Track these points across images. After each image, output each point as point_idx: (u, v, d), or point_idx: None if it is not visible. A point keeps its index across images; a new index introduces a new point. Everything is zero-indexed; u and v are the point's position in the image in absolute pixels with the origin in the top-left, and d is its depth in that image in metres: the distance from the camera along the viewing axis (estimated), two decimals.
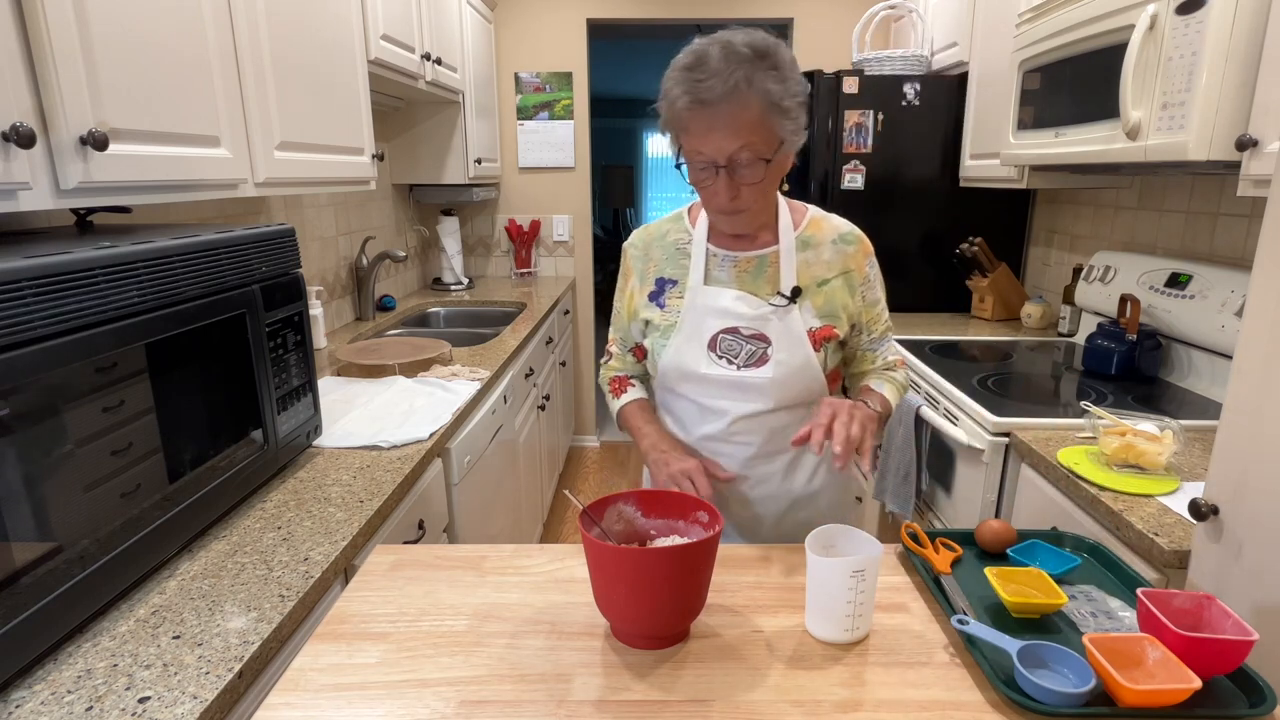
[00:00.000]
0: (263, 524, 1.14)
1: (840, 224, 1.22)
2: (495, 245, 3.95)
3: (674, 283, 1.21)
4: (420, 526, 1.43)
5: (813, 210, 1.23)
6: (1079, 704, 0.71)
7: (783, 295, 1.15)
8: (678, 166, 1.10)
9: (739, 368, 1.16)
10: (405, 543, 1.35)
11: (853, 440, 0.99)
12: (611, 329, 1.35)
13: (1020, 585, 0.90)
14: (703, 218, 1.21)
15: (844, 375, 1.32)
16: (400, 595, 0.94)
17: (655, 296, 1.22)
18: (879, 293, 1.25)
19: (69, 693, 0.78)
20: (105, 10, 1.02)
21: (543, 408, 2.89)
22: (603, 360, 1.38)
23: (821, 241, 1.19)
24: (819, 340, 1.16)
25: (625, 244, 1.30)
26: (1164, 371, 1.95)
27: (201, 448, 1.07)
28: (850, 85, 2.73)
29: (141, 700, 0.76)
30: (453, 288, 3.52)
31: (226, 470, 1.13)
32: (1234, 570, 0.95)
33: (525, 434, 2.52)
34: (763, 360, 1.15)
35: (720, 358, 1.16)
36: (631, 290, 1.26)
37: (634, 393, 1.32)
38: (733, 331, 1.16)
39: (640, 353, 1.31)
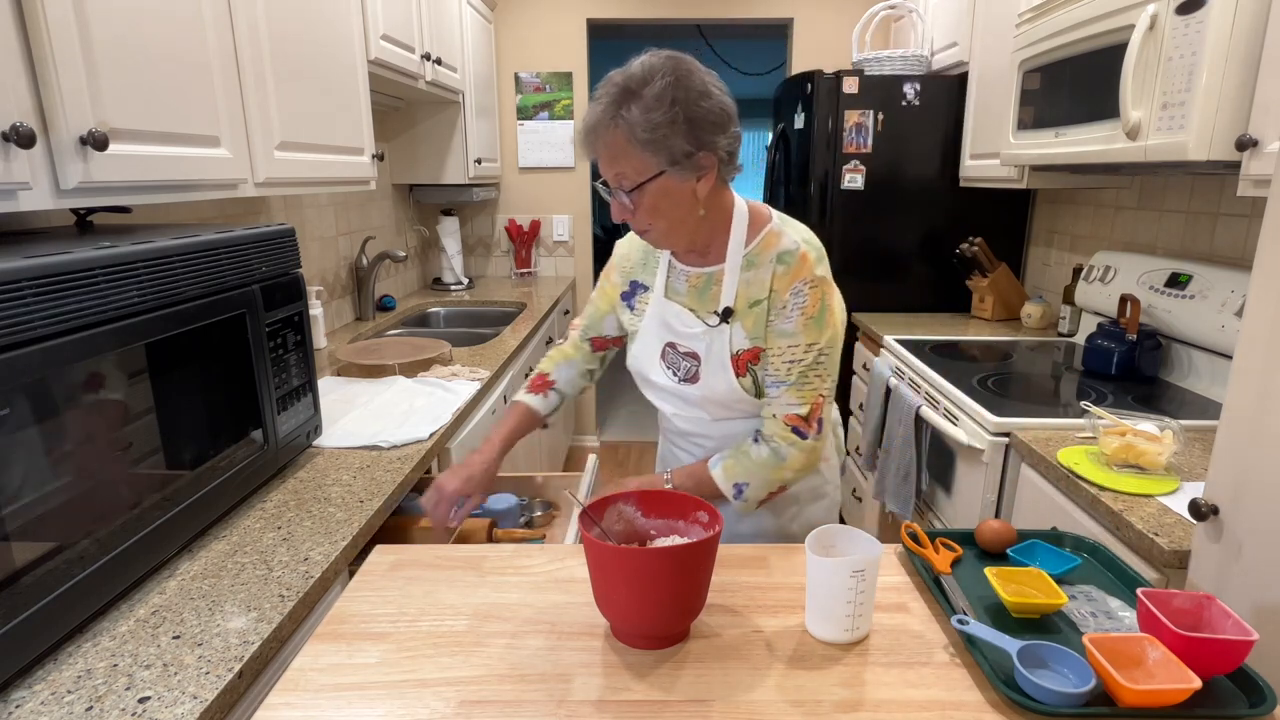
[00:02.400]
0: (263, 524, 1.14)
1: (787, 241, 1.12)
2: (495, 245, 3.95)
3: (646, 288, 1.25)
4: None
5: (774, 223, 1.15)
6: (1079, 704, 0.71)
7: (716, 314, 1.15)
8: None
9: (679, 381, 1.20)
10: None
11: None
12: (584, 316, 1.38)
13: (1020, 585, 0.90)
14: None
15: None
16: (400, 595, 0.94)
17: (627, 297, 1.28)
18: (792, 324, 1.09)
19: (69, 693, 0.78)
20: (105, 10, 1.02)
21: None
22: (558, 342, 1.41)
23: (764, 261, 1.12)
24: (743, 362, 1.14)
25: (619, 240, 1.34)
26: (1164, 371, 1.95)
27: (201, 447, 1.07)
28: (850, 85, 2.73)
29: (141, 700, 0.76)
30: (453, 288, 3.52)
31: (226, 470, 1.13)
32: (1234, 570, 0.95)
33: None
34: (695, 377, 1.18)
35: (667, 369, 1.21)
36: (613, 286, 1.31)
37: (537, 400, 1.34)
38: (673, 347, 1.20)
39: (599, 344, 1.36)
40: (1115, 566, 0.98)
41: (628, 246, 1.31)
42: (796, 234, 1.14)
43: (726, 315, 1.14)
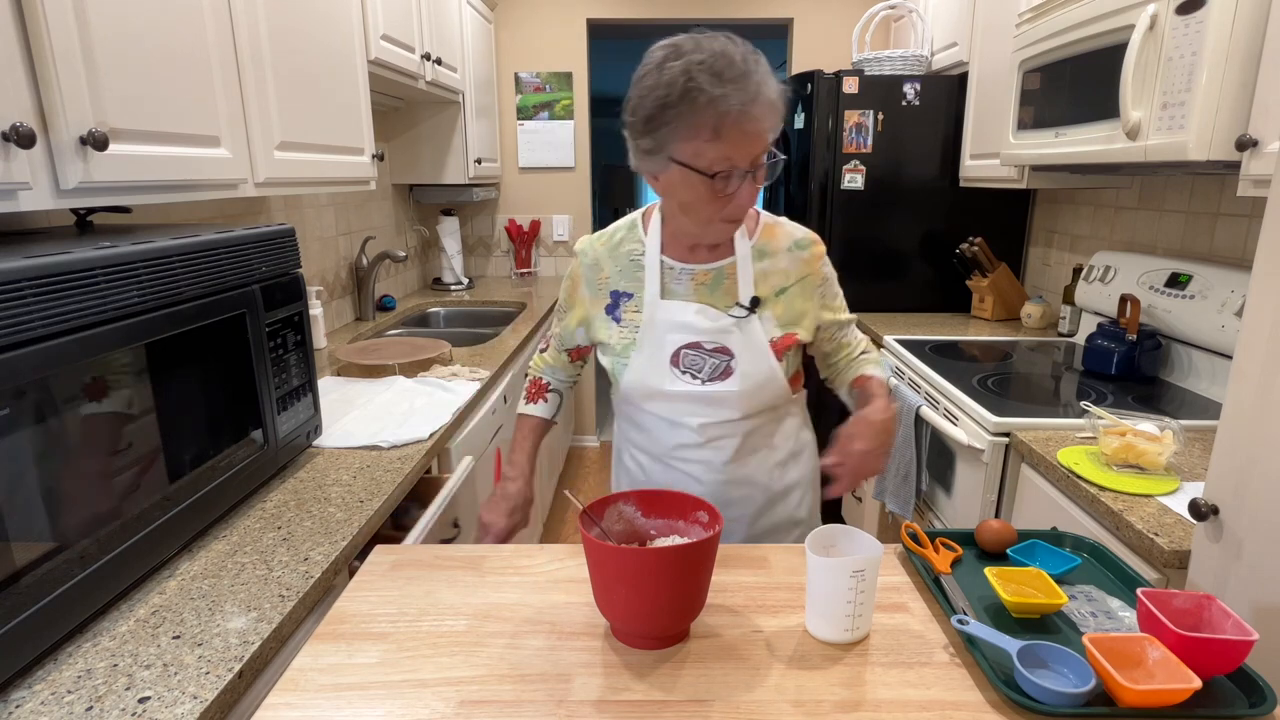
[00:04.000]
0: (263, 524, 1.14)
1: (793, 229, 1.21)
2: (495, 245, 3.95)
3: (630, 296, 1.19)
4: (455, 524, 1.43)
5: (765, 216, 1.21)
6: (1079, 704, 0.71)
7: (742, 306, 1.14)
8: (656, 179, 1.05)
9: (704, 382, 1.15)
10: (443, 541, 1.36)
11: (868, 475, 1.06)
12: (555, 325, 1.33)
13: (1020, 585, 0.90)
14: (654, 229, 1.17)
15: (824, 367, 1.31)
16: (400, 595, 0.94)
17: (611, 310, 1.20)
18: (836, 286, 1.25)
19: (69, 693, 0.78)
20: (105, 10, 1.02)
21: None
22: (539, 348, 1.37)
23: (777, 250, 1.17)
24: (781, 349, 1.16)
25: (576, 248, 1.26)
26: (1164, 371, 1.95)
27: (201, 447, 1.07)
28: (850, 85, 2.73)
29: (141, 700, 0.76)
30: (453, 288, 3.52)
31: (226, 470, 1.13)
32: (1234, 570, 0.95)
33: None
34: (727, 373, 1.14)
35: (684, 373, 1.15)
36: (582, 299, 1.23)
37: (541, 408, 1.34)
38: (695, 346, 1.14)
39: (575, 354, 1.32)
40: (1115, 566, 0.98)
41: (594, 256, 1.22)
42: (791, 223, 1.22)
43: (754, 305, 1.14)
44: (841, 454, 1.06)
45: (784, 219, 1.23)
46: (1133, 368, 1.90)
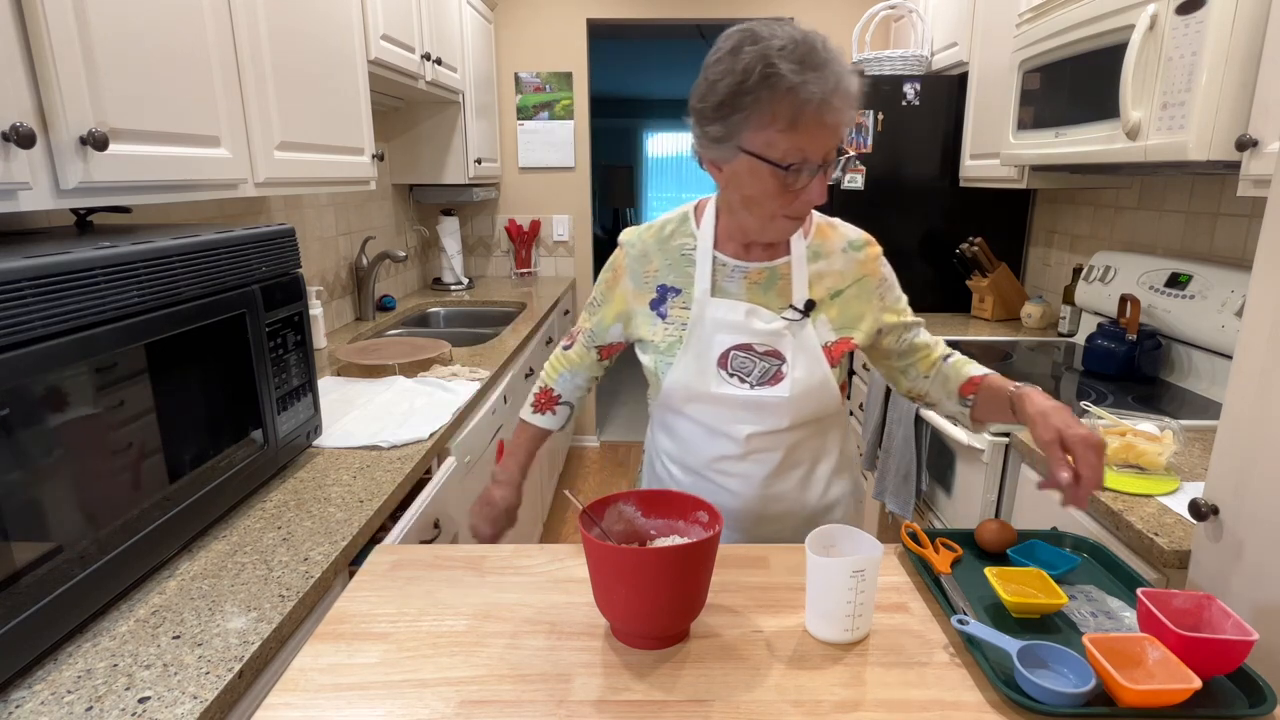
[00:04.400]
0: (263, 524, 1.14)
1: (847, 230, 1.17)
2: (495, 245, 3.95)
3: (677, 291, 1.13)
4: (436, 525, 1.43)
5: (818, 217, 1.16)
6: (1079, 704, 0.71)
7: (796, 309, 1.09)
8: (719, 169, 1.00)
9: (752, 386, 1.09)
10: (422, 542, 1.36)
11: (1101, 479, 0.91)
12: (583, 319, 1.26)
13: (1020, 585, 0.90)
14: (707, 222, 1.13)
15: (902, 376, 1.22)
16: (400, 595, 0.94)
17: (656, 305, 1.15)
18: (897, 288, 1.18)
19: (69, 693, 0.78)
20: (105, 10, 1.02)
21: None
22: (562, 345, 1.29)
23: (832, 250, 1.13)
24: (836, 354, 1.11)
25: (621, 239, 1.20)
26: (1164, 371, 1.95)
27: (201, 448, 1.07)
28: None
29: (141, 700, 0.76)
30: (453, 288, 3.52)
31: (226, 470, 1.13)
32: (1234, 570, 0.95)
33: None
34: (777, 378, 1.08)
35: (731, 376, 1.09)
36: (624, 293, 1.18)
37: (547, 420, 1.30)
38: (745, 348, 1.09)
39: (606, 351, 1.26)
40: (1115, 566, 0.98)
41: (640, 249, 1.16)
42: (845, 224, 1.18)
43: (809, 308, 1.09)
44: (1087, 465, 0.90)
45: (837, 220, 1.18)
46: (1133, 368, 1.90)
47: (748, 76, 0.91)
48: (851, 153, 1.03)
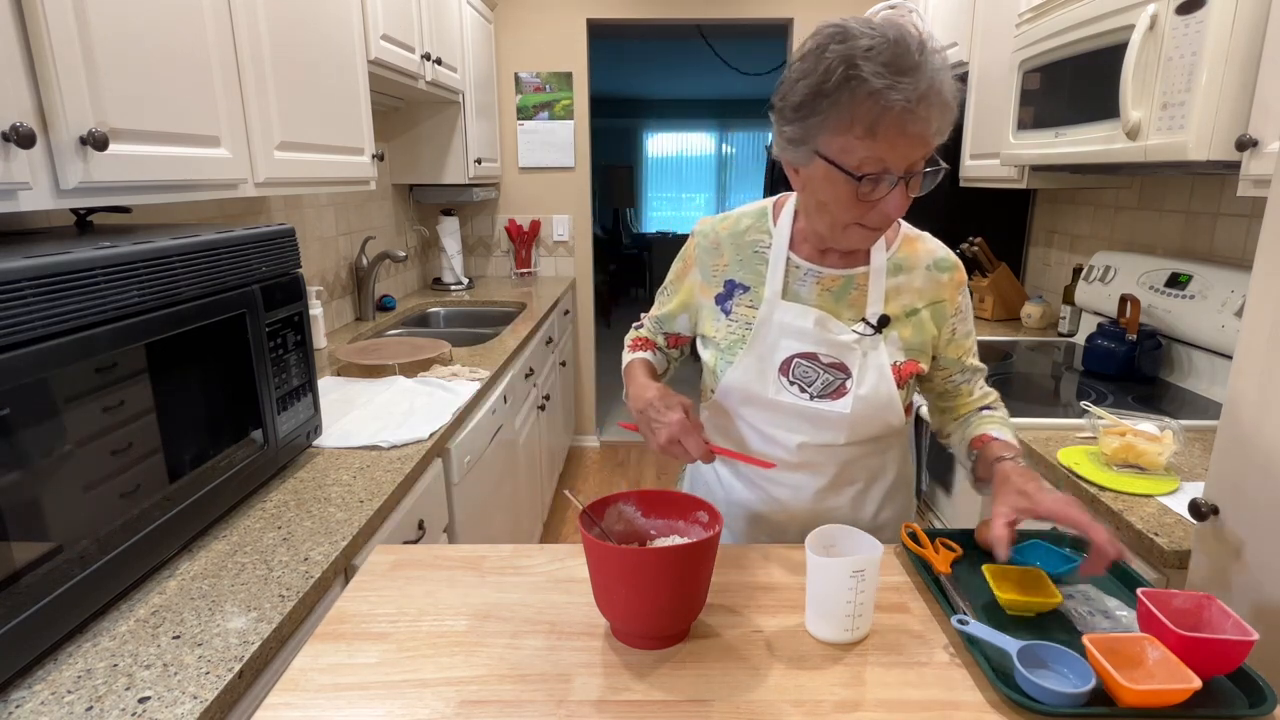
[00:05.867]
0: (263, 524, 1.14)
1: (936, 247, 1.10)
2: (495, 245, 3.95)
3: (745, 289, 1.09)
4: (420, 526, 1.43)
5: (905, 228, 1.11)
6: (1079, 704, 0.71)
7: (869, 323, 1.03)
8: (796, 171, 0.95)
9: (812, 397, 1.04)
10: (406, 542, 1.35)
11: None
12: (656, 306, 1.23)
13: (1016, 583, 0.90)
14: (785, 220, 1.08)
15: (935, 412, 1.20)
16: (400, 595, 0.94)
17: (722, 300, 1.10)
18: (970, 324, 1.12)
19: (69, 693, 0.78)
20: (105, 10, 1.02)
21: (543, 408, 2.89)
22: (635, 325, 1.28)
23: (915, 266, 1.07)
24: (904, 376, 1.05)
25: (695, 227, 1.16)
26: (1164, 371, 1.95)
27: (201, 447, 1.07)
28: None
29: (141, 700, 0.76)
30: (453, 288, 3.52)
31: (226, 470, 1.13)
32: (1234, 570, 0.95)
33: (525, 434, 2.52)
34: (840, 392, 1.04)
35: (792, 384, 1.05)
36: (691, 284, 1.14)
37: (649, 355, 1.20)
38: (810, 357, 1.04)
39: (673, 341, 1.22)
40: (1115, 566, 0.98)
41: (713, 239, 1.12)
42: (933, 239, 1.11)
43: (883, 323, 1.03)
44: (1110, 545, 0.84)
45: (927, 234, 1.12)
46: (1133, 368, 1.90)
47: (828, 78, 0.86)
48: (944, 166, 0.94)
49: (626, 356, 1.21)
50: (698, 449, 0.94)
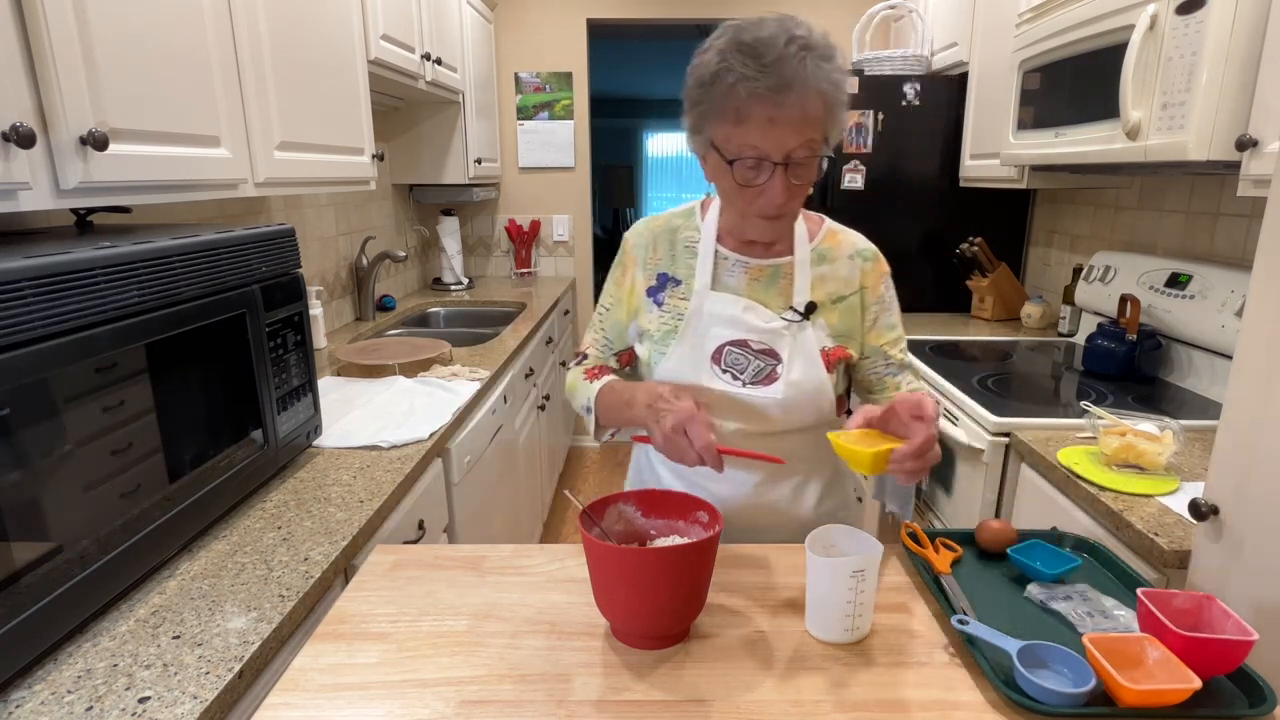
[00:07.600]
0: (263, 524, 1.14)
1: (858, 239, 1.15)
2: (495, 245, 3.95)
3: (677, 282, 1.13)
4: (420, 526, 1.43)
5: (829, 222, 1.16)
6: (1079, 704, 0.71)
7: (796, 310, 1.08)
8: (703, 161, 1.01)
9: (744, 384, 1.07)
10: (406, 543, 1.35)
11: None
12: (592, 330, 1.22)
13: (855, 440, 0.90)
14: (711, 216, 1.13)
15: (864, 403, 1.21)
16: (400, 595, 0.94)
17: (654, 292, 1.14)
18: (893, 316, 1.16)
19: (69, 693, 0.78)
20: (105, 10, 1.02)
21: (543, 408, 2.89)
22: (573, 363, 1.24)
23: (838, 256, 1.12)
24: (832, 361, 1.09)
25: (627, 234, 1.19)
26: (1164, 371, 1.95)
27: (201, 447, 1.07)
28: (850, 85, 2.73)
29: (141, 700, 0.76)
30: (453, 288, 3.52)
31: (226, 470, 1.13)
32: (1234, 570, 0.95)
33: (525, 434, 2.52)
34: (771, 378, 1.07)
35: (724, 372, 1.08)
36: (634, 285, 1.16)
37: (613, 378, 1.15)
38: (741, 344, 1.08)
39: (627, 358, 1.21)
40: (1115, 566, 0.98)
41: (648, 237, 1.17)
42: (857, 234, 1.17)
43: (810, 310, 1.08)
44: (913, 456, 0.87)
45: (852, 230, 1.17)
46: (1133, 368, 1.90)
47: (705, 70, 0.94)
48: (826, 153, 0.98)
49: (590, 387, 1.14)
50: (701, 438, 0.91)
